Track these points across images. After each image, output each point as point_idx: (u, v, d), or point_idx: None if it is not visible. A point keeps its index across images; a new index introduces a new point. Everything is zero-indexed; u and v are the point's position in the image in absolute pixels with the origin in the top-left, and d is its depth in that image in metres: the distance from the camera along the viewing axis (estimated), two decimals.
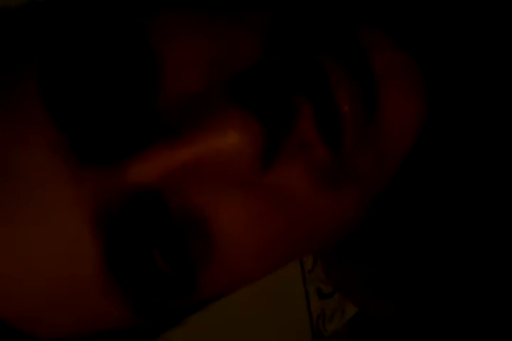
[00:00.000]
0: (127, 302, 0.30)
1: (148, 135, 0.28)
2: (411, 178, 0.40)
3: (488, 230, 0.38)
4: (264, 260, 0.32)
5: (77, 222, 0.28)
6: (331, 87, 0.28)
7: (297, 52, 0.29)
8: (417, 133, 0.31)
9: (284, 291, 1.40)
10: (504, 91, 0.36)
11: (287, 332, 1.33)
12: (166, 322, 0.36)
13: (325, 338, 1.31)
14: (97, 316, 0.31)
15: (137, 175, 0.28)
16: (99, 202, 0.28)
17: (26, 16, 0.32)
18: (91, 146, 0.28)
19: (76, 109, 0.28)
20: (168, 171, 0.28)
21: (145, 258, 0.29)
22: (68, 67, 0.29)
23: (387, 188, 0.33)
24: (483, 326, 0.40)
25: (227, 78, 0.28)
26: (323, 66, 0.29)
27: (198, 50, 0.29)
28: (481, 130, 0.37)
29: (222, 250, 0.30)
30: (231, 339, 1.32)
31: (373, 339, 1.22)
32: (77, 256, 0.28)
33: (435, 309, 0.44)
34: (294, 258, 0.36)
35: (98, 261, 0.28)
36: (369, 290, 0.49)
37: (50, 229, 0.28)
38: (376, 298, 0.49)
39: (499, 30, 0.35)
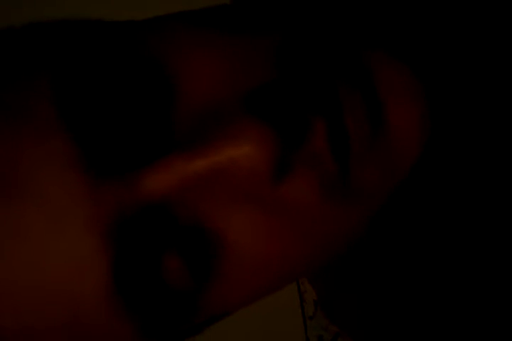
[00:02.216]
0: (134, 323, 0.29)
1: (163, 147, 0.29)
2: (413, 191, 0.41)
3: (495, 253, 0.39)
4: (273, 274, 0.32)
5: (88, 236, 0.28)
6: (341, 106, 0.29)
7: (308, 72, 0.30)
8: (420, 147, 0.32)
9: (286, 338, 1.38)
10: (505, 105, 0.36)
11: None
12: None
13: None
14: (104, 338, 0.30)
15: (151, 186, 0.28)
16: (113, 215, 0.28)
17: (42, 32, 0.33)
18: (106, 159, 0.28)
19: (91, 122, 0.28)
20: (182, 182, 0.28)
21: (152, 271, 0.29)
22: (83, 81, 0.29)
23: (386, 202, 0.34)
24: None
25: (242, 94, 0.29)
26: (334, 86, 0.30)
27: (212, 68, 0.30)
28: (483, 142, 0.38)
29: (232, 263, 0.30)
30: None
31: None
32: (86, 270, 0.28)
33: None
34: (300, 274, 0.36)
35: (105, 280, 0.28)
36: (365, 322, 0.49)
37: (62, 244, 0.28)
38: (372, 331, 0.49)
39: (499, 44, 0.36)
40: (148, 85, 0.29)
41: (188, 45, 0.31)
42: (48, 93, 0.29)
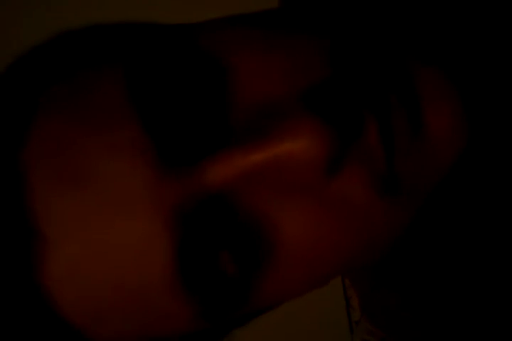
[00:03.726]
0: (192, 305, 0.31)
1: (222, 140, 0.30)
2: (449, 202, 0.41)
3: None
4: (322, 268, 0.33)
5: (155, 222, 0.29)
6: (390, 106, 0.30)
7: (361, 71, 0.31)
8: (458, 150, 0.33)
9: None
10: None
11: None
12: (218, 331, 0.37)
13: None
14: (162, 319, 0.32)
15: (212, 177, 0.29)
16: (177, 203, 0.29)
17: (116, 31, 0.35)
18: (172, 150, 0.29)
19: (159, 113, 0.30)
20: (241, 174, 0.29)
21: (211, 259, 0.30)
22: (151, 74, 0.31)
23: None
24: None
25: (299, 91, 0.30)
26: (385, 87, 0.31)
27: (269, 66, 0.31)
28: None
29: (283, 256, 0.31)
30: None
31: None
32: (152, 255, 0.29)
33: None
34: (347, 269, 0.37)
35: (170, 260, 0.29)
36: (409, 326, 0.49)
37: (129, 228, 0.29)
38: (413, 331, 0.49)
39: None
40: (208, 79, 0.31)
41: (244, 44, 0.32)
42: (121, 83, 0.30)
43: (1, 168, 0.30)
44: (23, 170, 0.30)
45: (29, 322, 0.32)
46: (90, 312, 0.31)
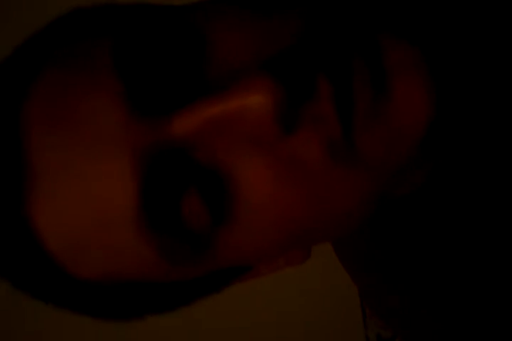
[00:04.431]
0: (155, 243, 0.34)
1: (191, 95, 0.33)
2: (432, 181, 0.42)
3: None
4: (281, 225, 0.35)
5: (124, 158, 0.33)
6: (351, 71, 0.32)
7: (324, 41, 0.33)
8: (426, 122, 0.33)
9: (346, 337, 1.39)
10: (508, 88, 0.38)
11: None
12: (191, 291, 0.39)
13: None
14: (128, 256, 0.34)
15: (178, 127, 0.32)
16: (144, 146, 0.33)
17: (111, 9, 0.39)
18: (145, 99, 0.33)
19: (139, 71, 0.33)
20: (202, 125, 0.32)
21: (175, 201, 0.33)
22: (135, 42, 0.34)
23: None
24: None
25: (263, 57, 0.33)
26: (346, 53, 0.33)
27: (243, 35, 0.34)
28: (487, 127, 0.39)
29: (243, 208, 0.34)
30: None
31: None
32: (120, 188, 0.33)
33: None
34: (312, 238, 0.38)
35: (135, 195, 0.33)
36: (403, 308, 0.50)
37: (100, 165, 0.33)
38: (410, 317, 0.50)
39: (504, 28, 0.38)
40: (188, 43, 0.34)
41: (223, 18, 0.35)
42: (108, 48, 0.34)
43: (6, 107, 0.35)
44: (26, 110, 0.34)
45: (16, 254, 0.35)
46: (69, 246, 0.34)
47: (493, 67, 0.38)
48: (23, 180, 0.33)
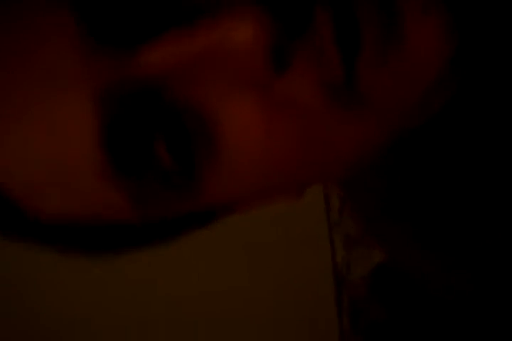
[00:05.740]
0: (123, 187, 0.30)
1: (163, 24, 0.28)
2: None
3: None
4: (271, 169, 0.32)
5: (81, 95, 0.28)
6: (357, 4, 0.28)
7: None
8: (441, 62, 0.30)
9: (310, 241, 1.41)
10: None
11: (309, 278, 1.36)
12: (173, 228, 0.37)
13: (348, 284, 1.33)
14: (95, 199, 0.31)
15: (145, 62, 0.28)
16: (105, 82, 0.28)
17: None
18: (106, 30, 0.28)
19: (99, 3, 0.28)
20: (178, 61, 0.28)
21: (144, 144, 0.29)
22: None
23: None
24: None
25: None
26: None
27: None
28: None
29: (229, 151, 0.30)
30: (253, 286, 1.35)
31: (395, 291, 1.23)
32: (78, 128, 0.29)
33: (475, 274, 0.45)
34: (304, 181, 0.35)
35: (96, 135, 0.29)
36: (411, 247, 0.49)
37: (58, 103, 0.29)
38: (416, 254, 0.49)
39: None
40: None
41: None
42: None
43: None
44: None
45: None
46: (29, 185, 0.31)
47: None
48: None
